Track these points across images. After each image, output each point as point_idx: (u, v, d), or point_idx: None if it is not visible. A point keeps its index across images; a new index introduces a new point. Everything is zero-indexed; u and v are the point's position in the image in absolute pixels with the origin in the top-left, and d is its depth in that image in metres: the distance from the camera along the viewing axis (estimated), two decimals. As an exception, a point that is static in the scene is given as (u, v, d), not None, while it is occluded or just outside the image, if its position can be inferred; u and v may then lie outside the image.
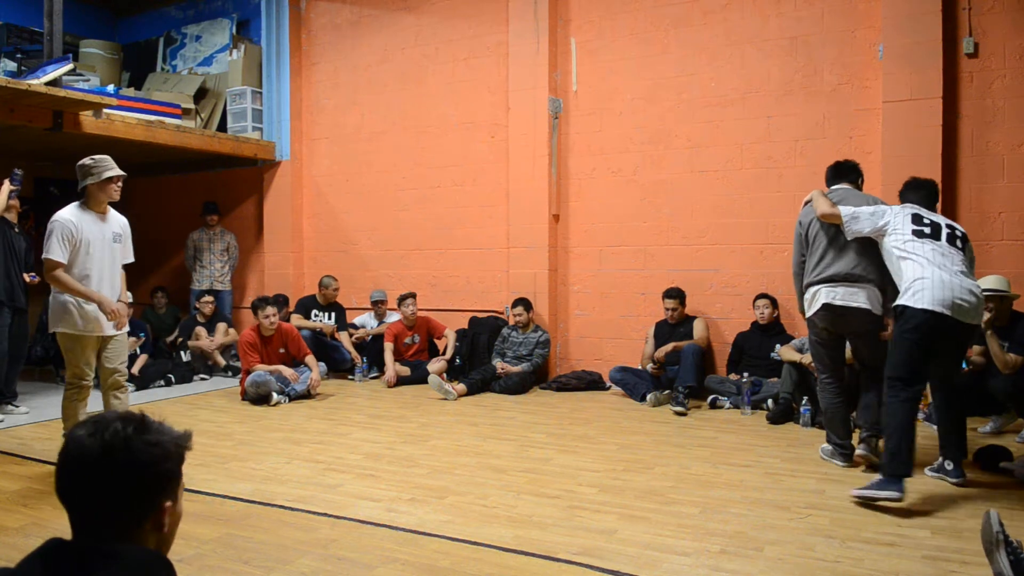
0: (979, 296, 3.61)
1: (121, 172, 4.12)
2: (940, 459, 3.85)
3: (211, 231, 8.30)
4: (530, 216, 7.08)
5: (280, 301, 7.37)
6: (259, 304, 6.42)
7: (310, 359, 6.51)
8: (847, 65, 5.99)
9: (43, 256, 3.97)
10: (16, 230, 5.89)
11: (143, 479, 1.27)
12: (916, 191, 4.06)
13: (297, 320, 7.37)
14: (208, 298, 7.90)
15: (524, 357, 6.79)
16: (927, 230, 3.74)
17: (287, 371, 6.27)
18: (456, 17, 7.56)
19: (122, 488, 1.26)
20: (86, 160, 4.07)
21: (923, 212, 3.87)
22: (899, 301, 3.63)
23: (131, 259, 4.40)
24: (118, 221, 4.28)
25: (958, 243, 3.76)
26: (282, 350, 6.47)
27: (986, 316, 4.66)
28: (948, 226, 3.80)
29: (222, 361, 7.66)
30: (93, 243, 4.06)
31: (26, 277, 5.91)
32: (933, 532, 3.11)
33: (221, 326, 7.86)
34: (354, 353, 7.43)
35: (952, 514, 3.32)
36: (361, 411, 5.87)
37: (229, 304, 8.38)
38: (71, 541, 1.27)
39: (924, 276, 3.58)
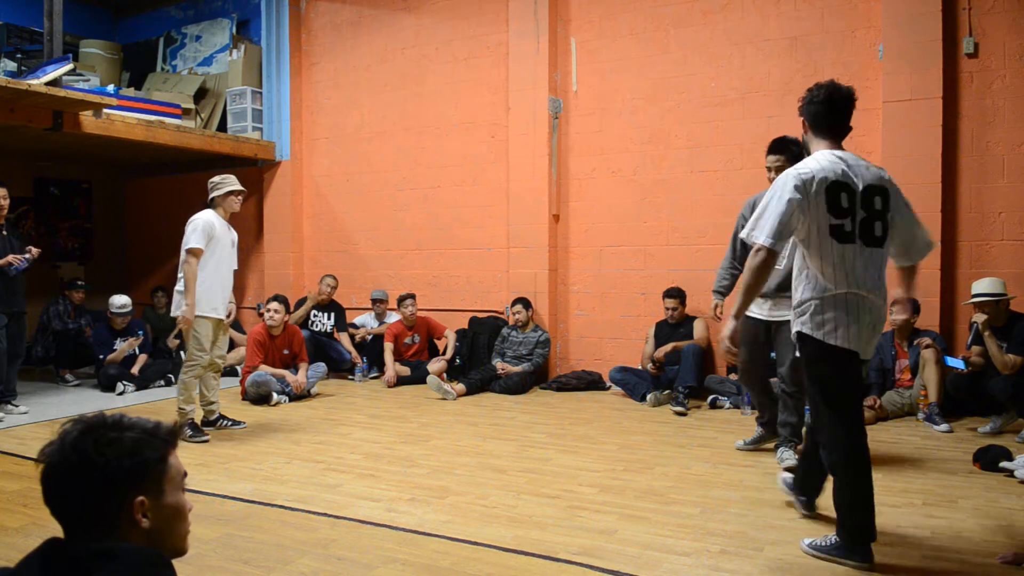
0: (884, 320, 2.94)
1: (241, 188, 4.98)
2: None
3: (211, 231, 8.28)
4: (530, 216, 7.08)
5: (281, 301, 7.36)
6: (268, 301, 6.50)
7: (303, 364, 6.50)
8: (847, 65, 5.99)
9: (187, 246, 4.78)
10: (5, 232, 5.83)
11: (98, 479, 1.26)
12: (833, 128, 2.88)
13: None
14: None
15: (524, 357, 6.79)
16: (847, 225, 2.74)
17: (290, 376, 6.28)
18: (456, 17, 7.56)
19: (80, 490, 1.26)
20: (215, 178, 4.99)
21: (844, 175, 2.76)
22: (803, 329, 2.81)
23: (236, 266, 5.18)
24: (234, 232, 5.14)
25: (879, 229, 2.81)
26: (286, 351, 6.48)
27: (982, 318, 4.70)
28: (865, 204, 2.77)
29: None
30: (221, 243, 4.95)
31: (30, 253, 5.79)
32: (933, 532, 3.11)
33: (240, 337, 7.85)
34: (354, 353, 7.44)
35: (952, 514, 3.32)
36: (361, 411, 5.87)
37: (229, 305, 8.37)
38: (69, 541, 1.27)
39: (837, 304, 2.76)
